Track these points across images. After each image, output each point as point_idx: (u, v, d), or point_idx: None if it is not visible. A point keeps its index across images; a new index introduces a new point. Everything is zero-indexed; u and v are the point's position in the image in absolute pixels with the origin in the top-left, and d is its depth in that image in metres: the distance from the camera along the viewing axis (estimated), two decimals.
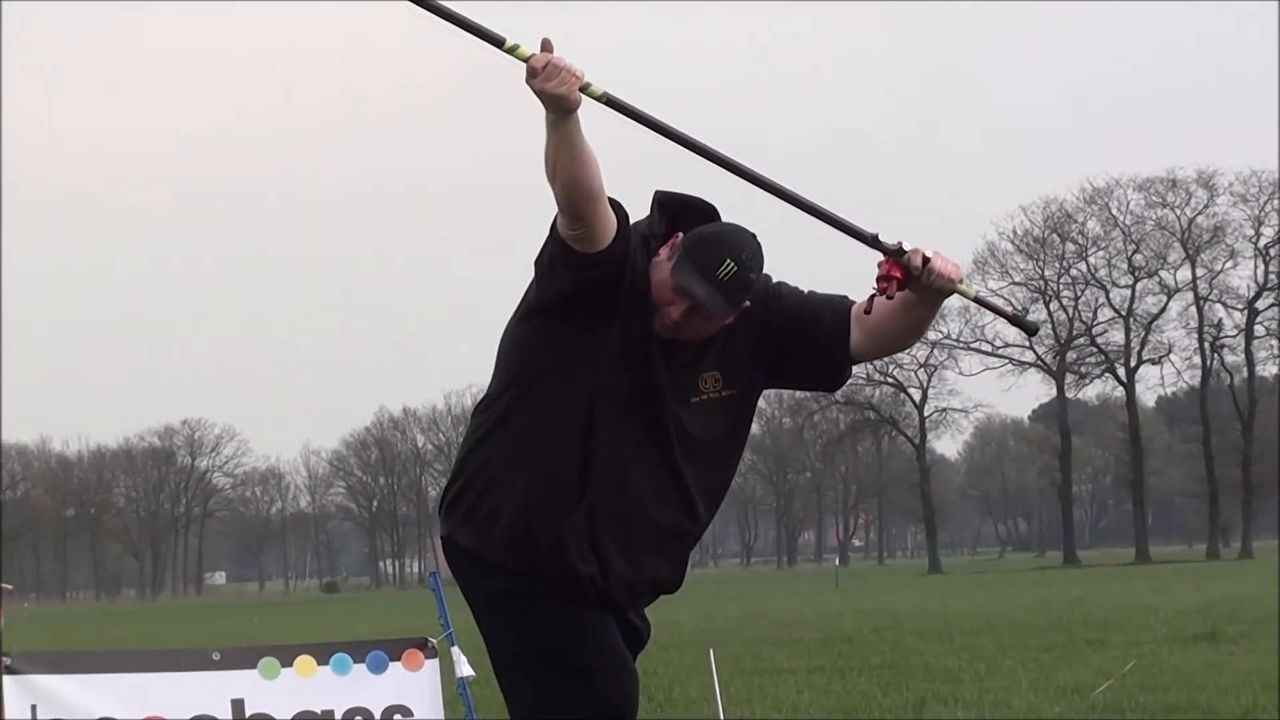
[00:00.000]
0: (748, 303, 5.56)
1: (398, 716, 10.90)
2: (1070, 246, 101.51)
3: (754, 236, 5.54)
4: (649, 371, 5.54)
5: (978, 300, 5.84)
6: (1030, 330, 6.23)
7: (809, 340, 5.74)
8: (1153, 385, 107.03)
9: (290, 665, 10.91)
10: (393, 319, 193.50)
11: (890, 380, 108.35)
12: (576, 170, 5.27)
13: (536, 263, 5.52)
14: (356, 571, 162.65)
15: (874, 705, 13.87)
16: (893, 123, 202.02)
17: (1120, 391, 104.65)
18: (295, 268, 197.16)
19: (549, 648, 5.62)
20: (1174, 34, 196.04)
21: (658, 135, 5.49)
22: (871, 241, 5.52)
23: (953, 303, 5.60)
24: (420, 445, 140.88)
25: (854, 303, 5.76)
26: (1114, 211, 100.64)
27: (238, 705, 10.75)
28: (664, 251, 5.53)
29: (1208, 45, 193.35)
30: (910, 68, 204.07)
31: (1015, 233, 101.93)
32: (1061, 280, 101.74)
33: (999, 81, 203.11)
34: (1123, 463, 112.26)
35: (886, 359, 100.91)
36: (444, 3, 5.35)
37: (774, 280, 5.72)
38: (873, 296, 5.60)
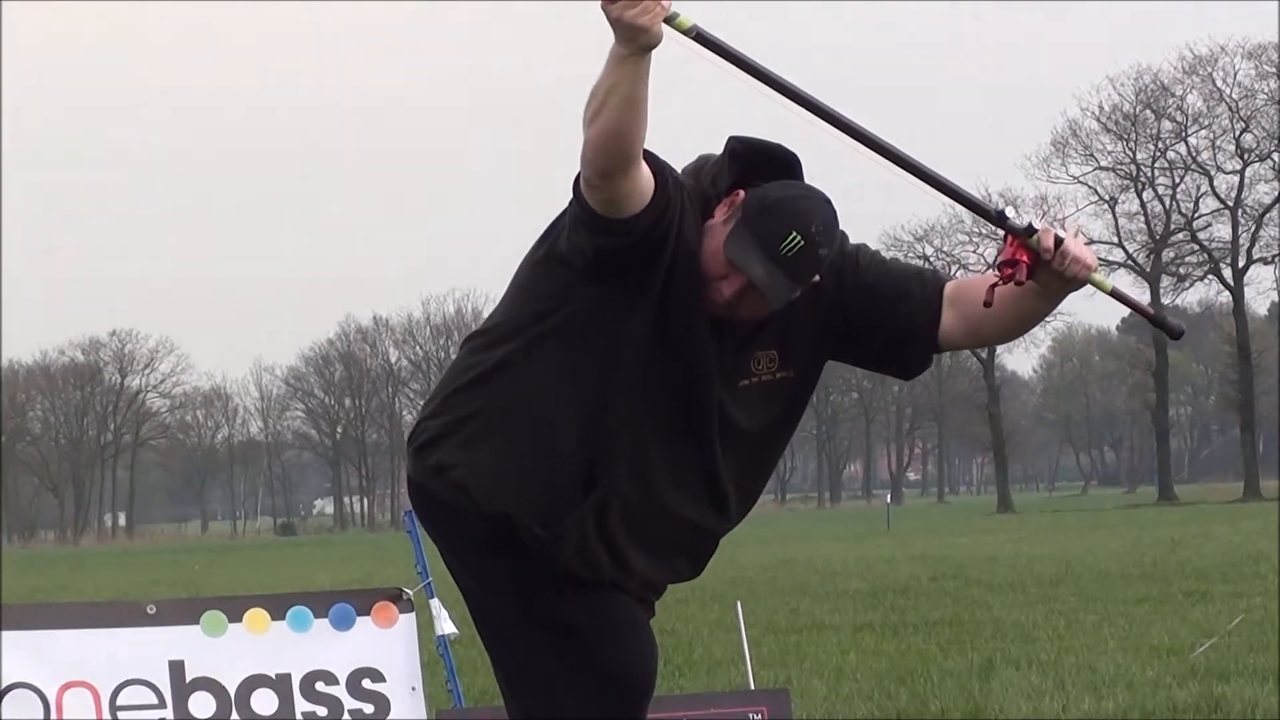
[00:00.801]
0: (817, 277, 5.47)
1: (367, 681, 10.95)
2: (1167, 125, 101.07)
3: (828, 203, 5.44)
4: (693, 354, 5.49)
5: (1115, 294, 5.65)
6: (1174, 333, 6.08)
7: (888, 321, 5.66)
8: (1265, 289, 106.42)
9: (239, 620, 10.97)
10: (361, 211, 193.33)
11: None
12: (626, 121, 5.12)
13: (568, 208, 5.45)
14: (318, 510, 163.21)
15: (932, 668, 13.91)
16: None
17: (1226, 296, 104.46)
18: (243, 152, 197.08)
19: (543, 607, 5.64)
20: None
21: (755, 82, 5.27)
22: (996, 218, 5.43)
23: (1026, 190, 5.52)
24: (394, 361, 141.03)
25: (947, 279, 5.71)
26: (1219, 84, 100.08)
27: (176, 668, 10.81)
28: (720, 212, 5.44)
29: None
30: None
31: (1102, 109, 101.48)
32: (1157, 164, 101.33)
33: None
34: (1228, 381, 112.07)
35: (949, 257, 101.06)
36: None
37: (850, 242, 5.64)
38: (994, 285, 5.46)
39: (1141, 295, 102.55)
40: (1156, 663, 13.58)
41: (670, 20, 5.06)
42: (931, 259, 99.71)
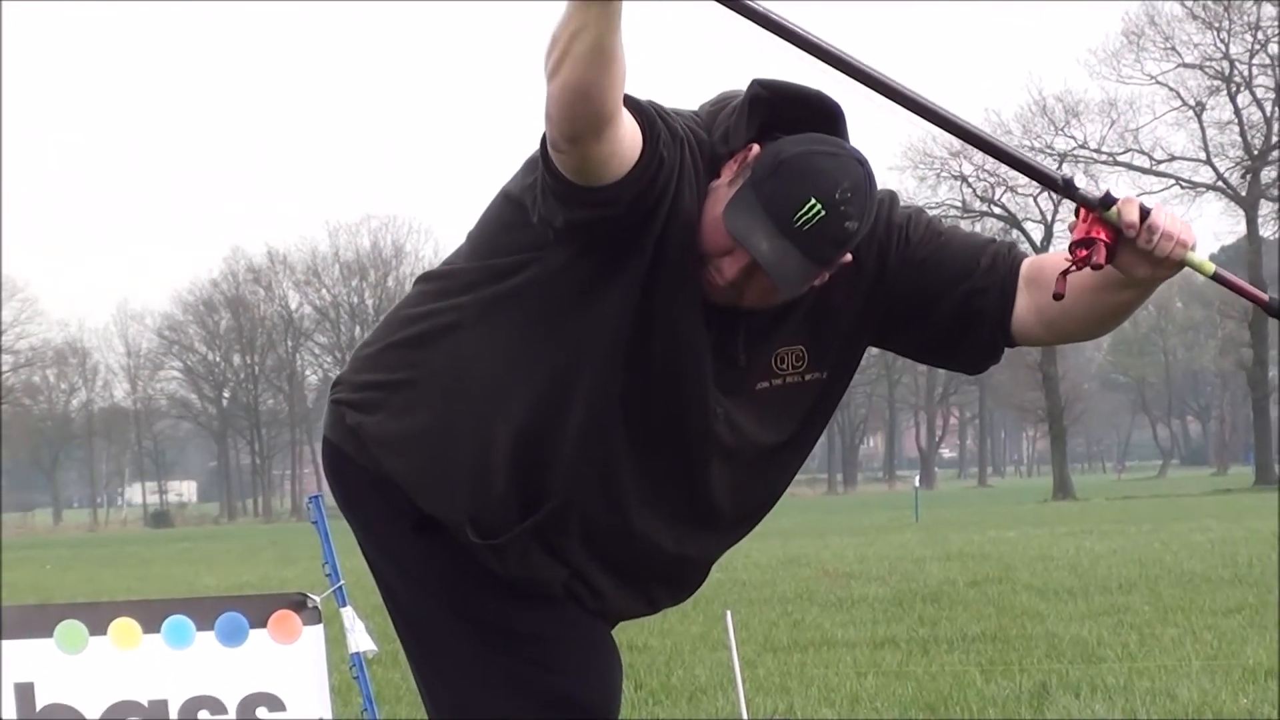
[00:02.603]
0: (849, 257, 5.37)
1: (262, 709, 11.03)
2: (1269, 9, 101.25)
3: (861, 163, 5.30)
4: (682, 348, 5.46)
5: (1218, 278, 5.45)
6: (1274, 312, 5.73)
7: (945, 308, 5.60)
8: None
9: (103, 633, 11.05)
10: (256, 121, 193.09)
11: (999, 209, 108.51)
12: (594, 75, 4.98)
13: (535, 163, 5.33)
14: (200, 495, 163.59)
15: (971, 694, 13.99)
16: None
17: None
18: (103, 58, 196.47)
19: (477, 605, 5.68)
20: None
21: (768, 33, 5.08)
22: (1064, 188, 5.31)
23: (1092, 93, 5.50)
24: (295, 307, 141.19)
25: (1024, 256, 5.61)
26: None
27: (24, 692, 10.88)
28: (728, 172, 5.35)
29: None
30: None
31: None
32: (1254, 60, 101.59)
33: None
34: None
35: (992, 177, 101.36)
36: None
37: (900, 209, 5.57)
38: (1065, 271, 5.32)
39: (1235, 224, 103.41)
40: (1252, 688, 13.67)
41: None
42: (970, 179, 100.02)
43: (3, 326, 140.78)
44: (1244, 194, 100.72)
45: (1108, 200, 5.19)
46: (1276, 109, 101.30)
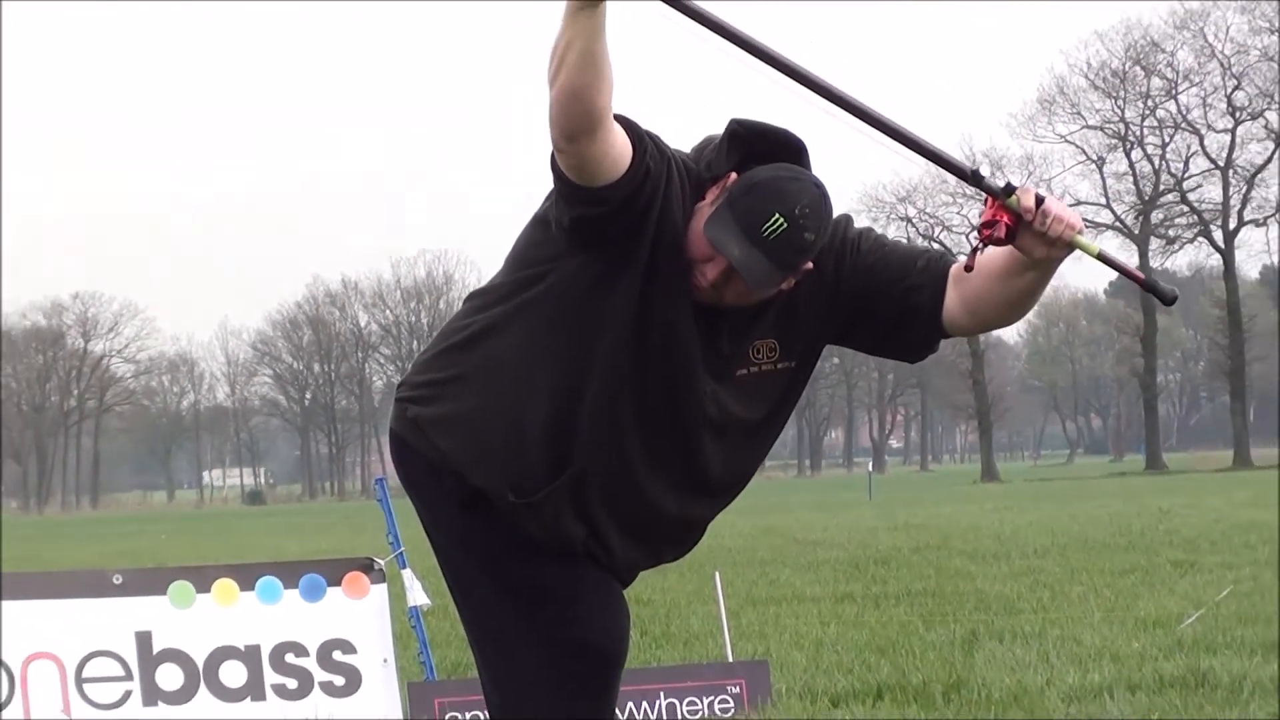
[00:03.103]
0: (810, 264, 5.41)
1: (337, 653, 10.99)
2: (1157, 82, 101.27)
3: (818, 186, 5.36)
4: (676, 340, 5.47)
5: (1102, 258, 5.48)
6: (1167, 299, 5.85)
7: (889, 305, 5.60)
8: (1256, 252, 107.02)
9: (207, 591, 11.01)
10: (330, 170, 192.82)
11: (937, 245, 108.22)
12: (585, 79, 5.05)
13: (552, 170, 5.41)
14: (286, 478, 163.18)
15: (914, 640, 13.94)
16: None
17: (1216, 259, 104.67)
18: (208, 108, 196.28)
19: (510, 569, 5.66)
20: None
21: (719, 39, 5.13)
22: (971, 178, 5.35)
23: (1012, 149, 5.50)
24: (363, 325, 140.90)
25: (954, 261, 5.63)
26: (1210, 39, 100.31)
27: (144, 639, 10.84)
28: (711, 194, 5.40)
29: None
30: None
31: (1090, 65, 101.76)
32: (1146, 123, 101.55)
33: None
34: (1218, 347, 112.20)
35: (932, 218, 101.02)
36: None
37: (853, 227, 5.61)
38: (975, 249, 5.40)
39: (1129, 258, 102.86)
40: (1143, 635, 13.61)
41: None
42: (914, 220, 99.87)
43: (125, 341, 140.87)
44: (1137, 232, 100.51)
45: (1009, 189, 5.25)
46: (1163, 163, 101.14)
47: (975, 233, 5.37)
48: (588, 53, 5.02)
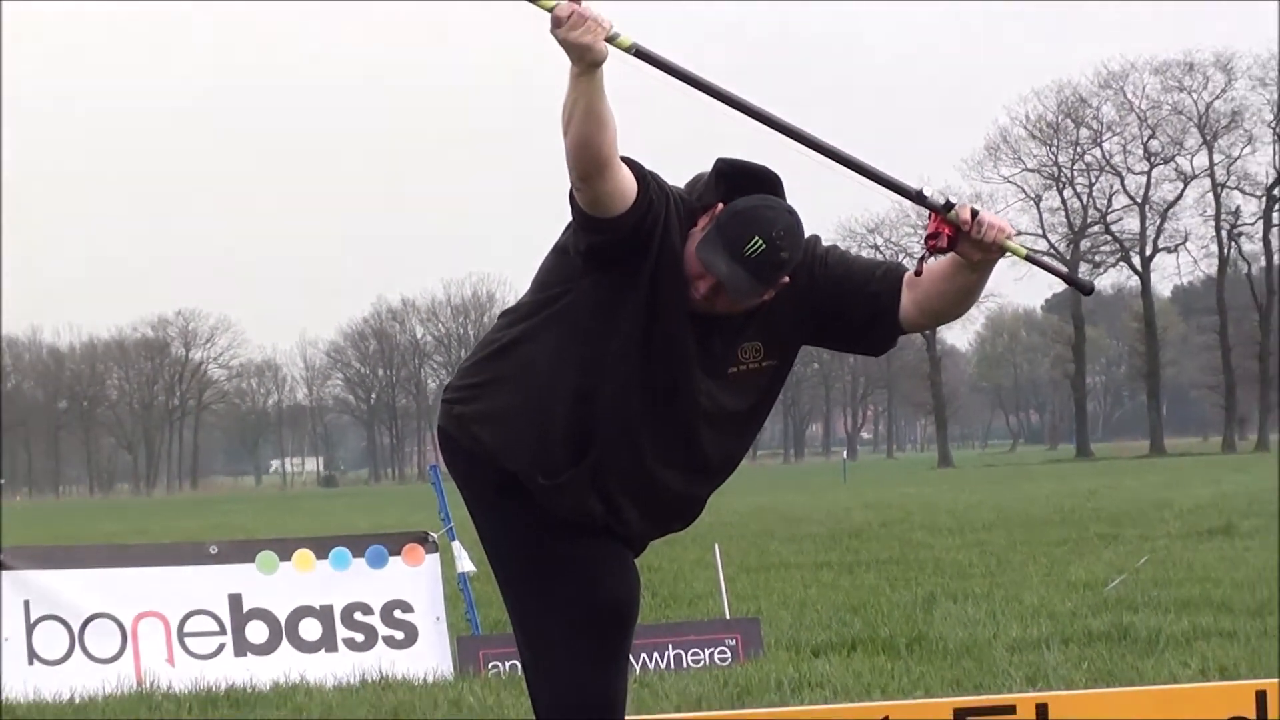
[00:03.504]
0: (786, 279, 5.44)
1: (398, 611, 10.99)
2: (1084, 132, 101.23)
3: (791, 213, 5.42)
4: (674, 341, 5.48)
5: (1030, 259, 5.59)
6: (1085, 290, 6.05)
7: (854, 308, 5.63)
8: (1168, 274, 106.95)
9: (289, 559, 11.01)
10: (391, 205, 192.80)
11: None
12: (590, 130, 5.15)
13: (571, 205, 5.47)
14: (355, 465, 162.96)
15: (882, 600, 13.93)
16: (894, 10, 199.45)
17: (1135, 281, 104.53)
18: (289, 153, 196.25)
19: (540, 543, 5.62)
20: None
21: (690, 89, 5.27)
22: (915, 197, 5.39)
23: (964, 187, 5.50)
24: (419, 337, 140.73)
25: (906, 270, 5.65)
26: (1129, 96, 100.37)
27: (235, 600, 10.85)
28: (702, 222, 5.43)
29: None
30: None
31: (1028, 118, 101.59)
32: (1075, 166, 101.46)
33: None
34: (1137, 354, 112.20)
35: (895, 246, 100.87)
36: None
37: (822, 245, 5.63)
38: (923, 258, 5.46)
39: (1061, 282, 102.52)
40: (1074, 596, 13.60)
41: (612, 40, 5.10)
42: (881, 248, 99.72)
43: (220, 350, 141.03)
44: (1069, 258, 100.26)
45: (948, 205, 5.33)
46: (1090, 200, 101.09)
47: (923, 244, 5.44)
48: (591, 109, 5.13)
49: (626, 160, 5.30)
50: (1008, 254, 5.41)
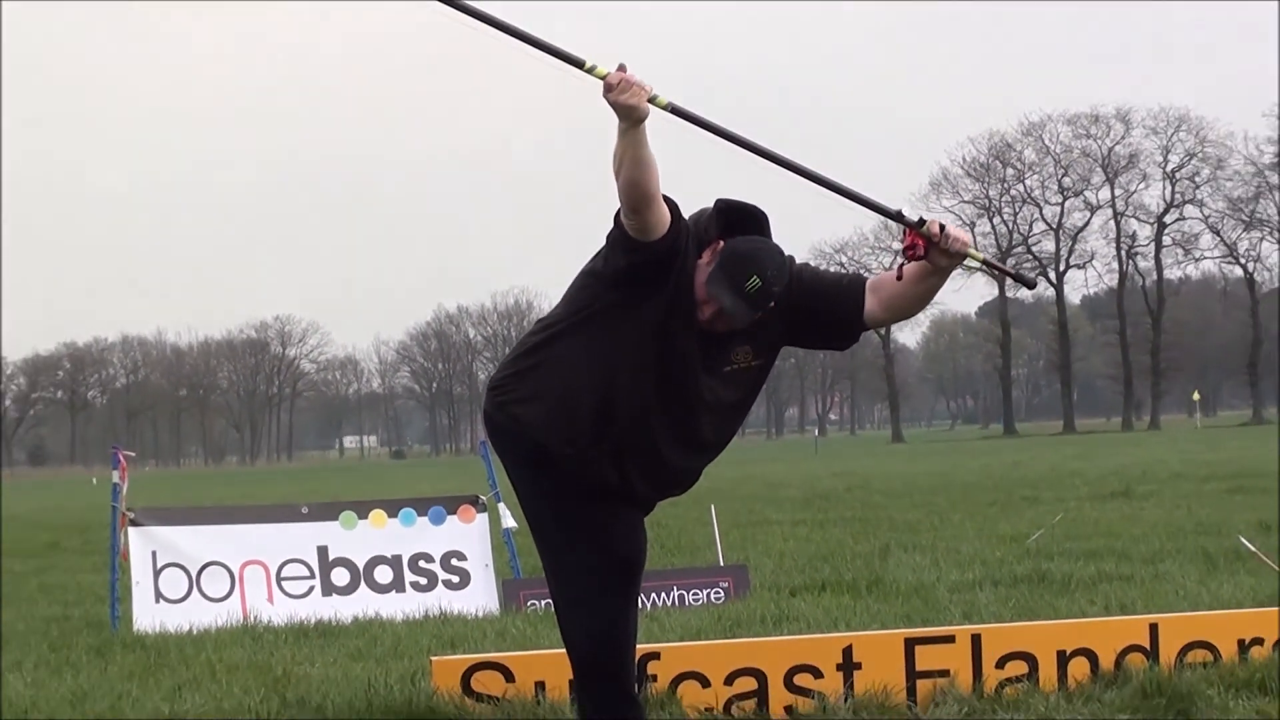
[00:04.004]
0: (771, 304, 5.47)
1: (454, 560, 11.00)
2: (1010, 171, 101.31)
3: (781, 253, 5.47)
4: (682, 345, 5.49)
5: (985, 263, 5.70)
6: (1029, 285, 6.18)
7: (824, 313, 5.66)
8: (1078, 287, 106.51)
9: (366, 518, 11.02)
10: (448, 231, 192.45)
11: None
12: (638, 173, 5.19)
13: (609, 236, 5.47)
14: (419, 441, 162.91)
15: (846, 551, 13.92)
16: (854, 71, 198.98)
17: (1051, 292, 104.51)
18: (368, 181, 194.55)
19: (566, 505, 5.62)
20: None
21: (714, 136, 5.33)
22: (896, 216, 5.47)
23: (914, 215, 5.48)
24: (471, 337, 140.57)
25: (868, 279, 5.72)
26: (1046, 142, 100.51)
27: (322, 551, 10.87)
28: (706, 256, 5.44)
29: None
30: (875, 44, 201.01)
31: (964, 160, 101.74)
32: (1003, 199, 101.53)
33: (944, 41, 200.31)
34: (1052, 351, 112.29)
35: (867, 271, 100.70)
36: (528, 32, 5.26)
37: (797, 264, 5.64)
38: (902, 264, 5.55)
39: (992, 291, 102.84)
40: (1002, 547, 13.58)
41: (652, 100, 5.13)
42: (845, 264, 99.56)
43: (310, 348, 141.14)
44: (997, 276, 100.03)
45: (921, 221, 5.43)
46: (1014, 226, 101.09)
47: (901, 254, 5.52)
48: (637, 156, 5.16)
49: (665, 197, 5.33)
50: (968, 259, 5.50)
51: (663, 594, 10.54)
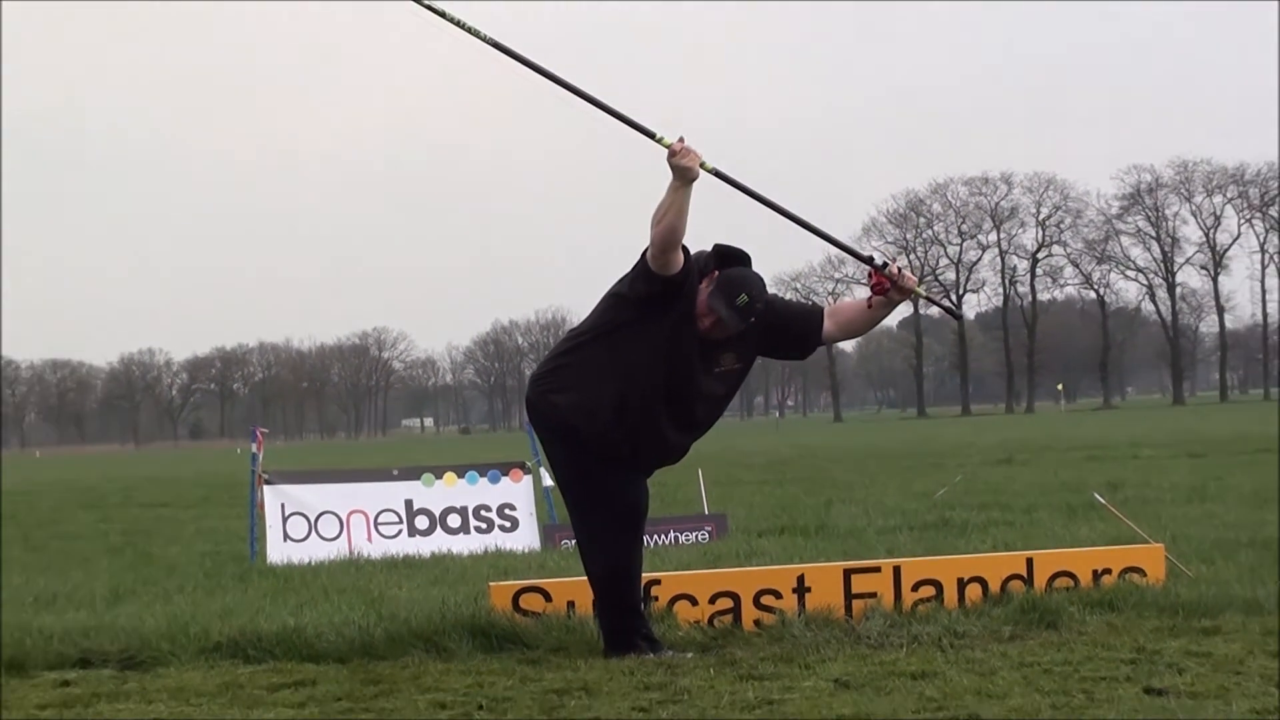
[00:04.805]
0: (753, 319, 5.49)
1: (506, 510, 10.97)
2: (922, 219, 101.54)
3: (761, 280, 5.48)
4: (685, 350, 5.47)
5: (928, 298, 5.78)
6: (956, 316, 6.35)
7: (790, 331, 5.68)
8: (973, 306, 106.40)
9: (440, 478, 11.00)
10: (506, 263, 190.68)
11: (812, 299, 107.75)
12: (679, 222, 5.19)
13: (634, 268, 5.44)
14: (481, 421, 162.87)
15: (799, 504, 13.90)
16: (796, 131, 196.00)
17: None
18: (448, 225, 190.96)
19: (588, 471, 5.61)
20: (995, 58, 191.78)
21: (741, 194, 5.35)
22: (869, 261, 5.54)
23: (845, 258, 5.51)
24: (520, 344, 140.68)
25: (825, 308, 5.76)
26: (949, 197, 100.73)
27: (408, 503, 10.85)
28: (705, 283, 5.46)
29: (1027, 67, 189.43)
30: (827, 118, 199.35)
31: (888, 212, 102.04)
32: (916, 240, 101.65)
33: (874, 125, 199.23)
34: (954, 353, 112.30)
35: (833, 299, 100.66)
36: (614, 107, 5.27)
37: (769, 291, 5.68)
38: (870, 298, 5.61)
39: (909, 309, 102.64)
40: (915, 500, 13.56)
41: (702, 165, 5.15)
42: (799, 289, 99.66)
43: (400, 351, 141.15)
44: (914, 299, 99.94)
45: (884, 264, 5.52)
46: (925, 262, 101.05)
47: (870, 289, 5.59)
48: (681, 209, 5.17)
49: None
50: (914, 294, 5.59)
51: (662, 535, 10.53)
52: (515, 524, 10.87)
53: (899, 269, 5.53)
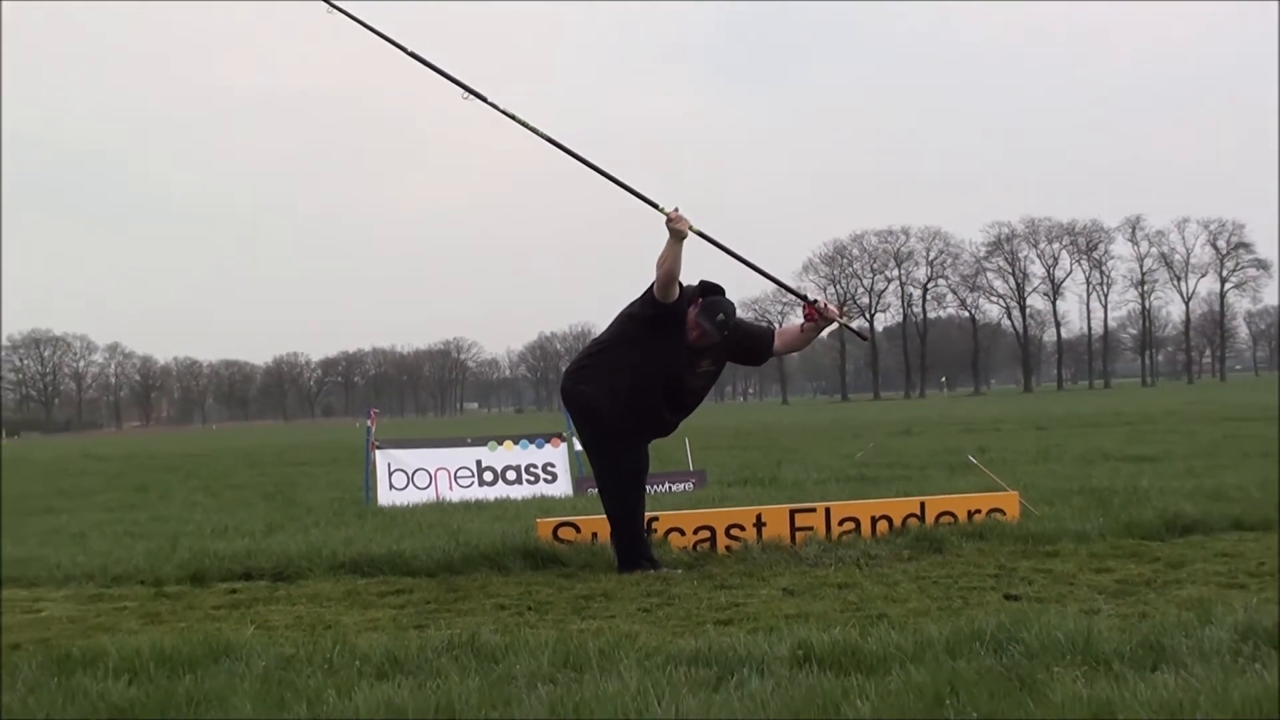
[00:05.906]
0: (727, 333, 5.47)
1: (549, 467, 10.92)
2: (844, 259, 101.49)
3: (732, 304, 5.45)
4: (677, 358, 5.45)
5: (844, 325, 5.70)
6: (864, 338, 6.47)
7: (749, 345, 5.65)
8: (882, 321, 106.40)
9: (501, 444, 10.95)
10: (548, 285, 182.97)
11: (764, 321, 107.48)
12: (675, 267, 5.21)
13: (642, 296, 5.41)
14: (530, 404, 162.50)
15: (759, 463, 13.85)
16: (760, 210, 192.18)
17: (867, 326, 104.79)
18: (513, 244, 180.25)
19: (606, 441, 5.59)
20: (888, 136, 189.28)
21: (716, 250, 5.31)
22: (804, 297, 5.56)
23: (791, 286, 5.49)
24: (558, 349, 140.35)
25: (774, 329, 5.71)
26: (865, 245, 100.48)
27: (479, 462, 10.79)
28: (693, 308, 5.44)
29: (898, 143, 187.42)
30: (778, 190, 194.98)
31: (820, 254, 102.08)
32: (840, 274, 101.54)
33: (809, 189, 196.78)
34: (868, 355, 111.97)
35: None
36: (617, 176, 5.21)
37: (737, 315, 5.65)
38: (804, 323, 5.59)
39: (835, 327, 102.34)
40: (842, 460, 13.51)
41: (690, 227, 5.13)
42: (755, 312, 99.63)
43: (473, 355, 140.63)
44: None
45: (814, 300, 5.49)
46: (847, 289, 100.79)
47: (804, 318, 5.56)
48: (678, 259, 5.18)
49: None
50: (836, 322, 5.58)
51: (659, 486, 10.51)
52: (555, 477, 10.85)
53: (825, 304, 5.52)
